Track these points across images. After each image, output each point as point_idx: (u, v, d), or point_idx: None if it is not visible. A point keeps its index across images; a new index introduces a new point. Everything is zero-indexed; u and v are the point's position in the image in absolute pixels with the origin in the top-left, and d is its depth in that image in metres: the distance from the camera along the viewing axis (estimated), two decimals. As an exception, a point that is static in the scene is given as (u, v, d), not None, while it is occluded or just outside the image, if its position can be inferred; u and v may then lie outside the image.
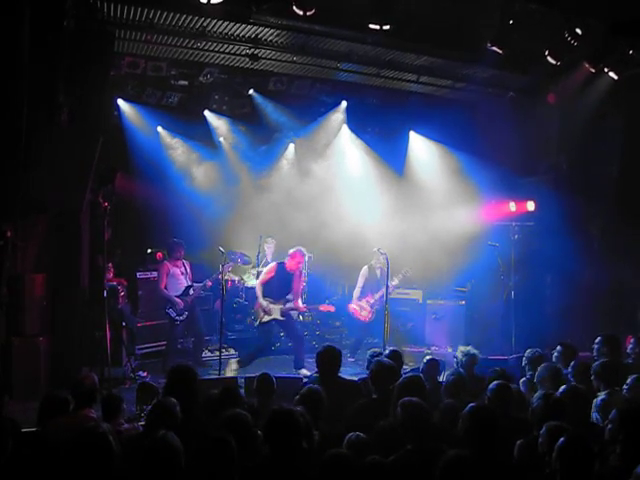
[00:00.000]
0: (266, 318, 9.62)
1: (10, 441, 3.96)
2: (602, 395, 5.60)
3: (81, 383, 5.18)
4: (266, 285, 9.71)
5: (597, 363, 5.93)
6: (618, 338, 7.20)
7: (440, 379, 6.68)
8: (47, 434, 4.56)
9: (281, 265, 9.72)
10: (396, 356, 6.41)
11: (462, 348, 7.05)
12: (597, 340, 7.10)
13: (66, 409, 4.88)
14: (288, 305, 9.75)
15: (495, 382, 5.20)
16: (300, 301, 9.89)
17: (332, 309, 10.46)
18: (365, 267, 10.96)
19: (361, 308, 10.83)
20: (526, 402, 5.72)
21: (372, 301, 10.73)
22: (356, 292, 10.99)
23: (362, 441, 4.08)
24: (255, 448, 4.14)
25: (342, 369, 6.35)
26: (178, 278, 10.07)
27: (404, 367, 7.63)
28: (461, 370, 5.99)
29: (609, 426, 4.22)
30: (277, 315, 9.66)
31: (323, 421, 4.87)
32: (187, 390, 4.94)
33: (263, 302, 9.65)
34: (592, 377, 5.86)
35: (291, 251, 9.72)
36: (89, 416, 4.89)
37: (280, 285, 9.67)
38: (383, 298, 10.41)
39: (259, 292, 9.73)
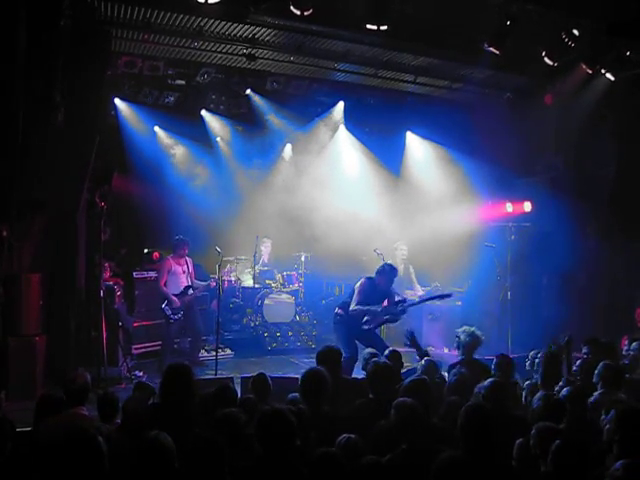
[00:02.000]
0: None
1: (9, 442, 3.96)
2: (595, 395, 5.60)
3: (73, 381, 5.16)
4: (360, 303, 8.54)
5: (602, 364, 5.92)
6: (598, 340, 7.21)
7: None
8: (39, 434, 4.55)
9: (371, 280, 8.71)
10: (395, 356, 6.39)
11: (466, 328, 6.90)
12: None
13: (62, 408, 4.87)
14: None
15: (489, 380, 5.15)
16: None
17: None
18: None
19: None
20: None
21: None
22: None
23: (352, 443, 4.08)
24: (248, 447, 4.14)
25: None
26: (179, 276, 10.02)
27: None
28: (463, 370, 5.95)
29: (607, 427, 4.22)
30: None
31: (328, 401, 4.93)
32: (183, 388, 4.93)
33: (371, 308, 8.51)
34: (594, 376, 5.86)
35: (378, 268, 8.76)
36: (81, 414, 4.87)
37: (376, 299, 8.58)
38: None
39: (358, 308, 8.52)
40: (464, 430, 4.19)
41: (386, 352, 6.63)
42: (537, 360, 6.61)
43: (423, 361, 6.45)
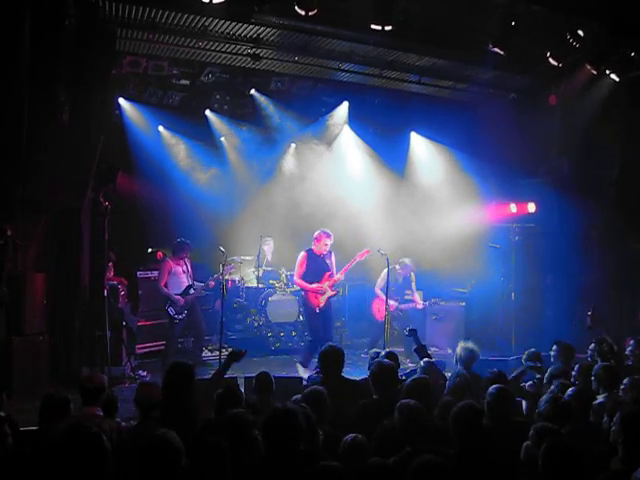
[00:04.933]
0: (323, 299, 9.51)
1: (9, 438, 3.96)
2: (600, 398, 5.59)
3: (90, 380, 5.18)
4: (305, 276, 9.59)
5: (598, 366, 5.92)
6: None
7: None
8: (53, 433, 4.54)
9: (310, 251, 9.61)
10: (392, 357, 6.40)
11: (463, 344, 7.00)
12: (591, 347, 7.14)
13: (67, 409, 4.87)
14: (330, 282, 9.60)
15: (495, 386, 5.07)
16: (338, 274, 9.73)
17: (368, 251, 10.17)
18: (385, 270, 10.90)
19: (380, 309, 10.90)
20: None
21: (393, 309, 10.77)
22: (378, 292, 11.02)
23: (358, 442, 4.07)
24: (255, 447, 4.13)
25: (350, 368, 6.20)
26: (180, 276, 10.03)
27: (402, 368, 7.66)
28: (464, 371, 5.96)
29: (613, 428, 4.20)
30: (330, 292, 9.59)
31: (327, 421, 4.86)
32: (185, 387, 4.94)
33: (313, 286, 9.50)
34: (592, 379, 5.85)
35: (316, 234, 9.56)
36: (96, 414, 4.89)
37: (317, 270, 9.57)
38: (406, 310, 10.93)
39: (304, 283, 9.56)
40: (455, 429, 4.22)
41: (382, 353, 6.65)
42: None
43: (422, 362, 6.46)
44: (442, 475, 3.56)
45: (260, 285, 12.03)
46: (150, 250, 11.86)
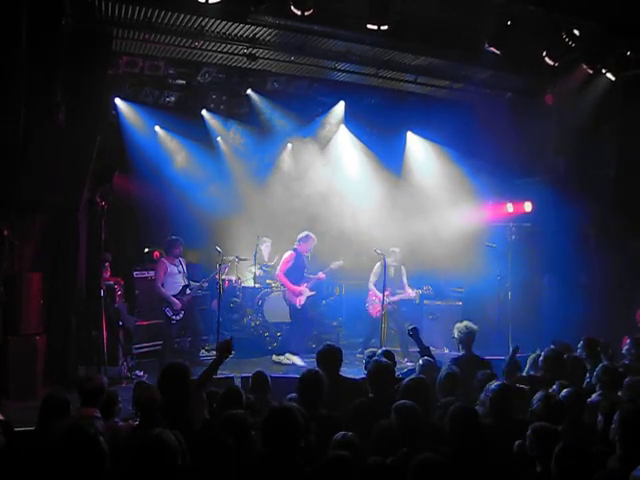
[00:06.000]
0: (302, 300, 10.32)
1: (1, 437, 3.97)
2: (594, 396, 5.60)
3: (89, 381, 5.18)
4: (288, 273, 10.33)
5: (600, 366, 5.93)
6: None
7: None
8: (50, 434, 4.54)
9: (297, 251, 10.41)
10: (388, 356, 6.41)
11: (459, 325, 7.01)
12: (580, 344, 7.18)
13: (66, 410, 4.87)
14: (312, 281, 10.49)
15: (497, 383, 5.09)
16: (320, 273, 10.64)
17: (341, 263, 10.86)
18: (378, 264, 10.97)
19: (372, 302, 10.93)
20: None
21: (386, 301, 10.78)
22: (370, 285, 11.13)
23: (349, 440, 4.08)
24: (253, 447, 4.14)
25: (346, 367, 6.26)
26: (175, 277, 10.02)
27: (399, 367, 7.65)
28: (453, 368, 5.99)
29: (612, 426, 4.21)
30: (308, 292, 10.40)
31: (323, 407, 4.90)
32: (180, 388, 4.94)
33: (294, 287, 10.33)
34: (593, 377, 5.87)
35: (303, 236, 10.33)
36: (94, 416, 4.88)
37: (300, 269, 10.43)
38: (399, 306, 10.98)
39: (287, 281, 10.32)
40: (451, 431, 4.22)
41: (379, 352, 6.68)
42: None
43: (421, 360, 6.48)
44: (443, 473, 3.57)
45: (257, 285, 12.02)
46: (147, 250, 11.86)
